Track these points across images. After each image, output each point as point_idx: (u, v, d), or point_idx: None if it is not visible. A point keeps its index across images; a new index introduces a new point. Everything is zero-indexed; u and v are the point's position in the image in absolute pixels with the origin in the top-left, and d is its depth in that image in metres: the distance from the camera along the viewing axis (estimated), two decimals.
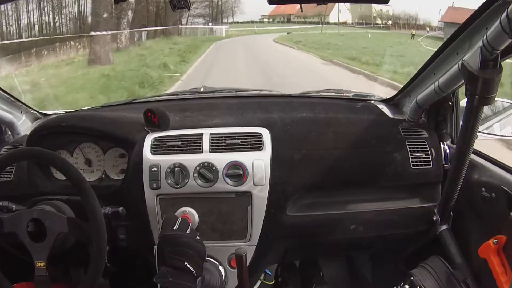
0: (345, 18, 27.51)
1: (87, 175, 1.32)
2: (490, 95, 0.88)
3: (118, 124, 1.28)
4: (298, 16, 28.26)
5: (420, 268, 1.18)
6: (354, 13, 27.82)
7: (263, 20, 28.40)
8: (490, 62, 0.86)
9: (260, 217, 1.17)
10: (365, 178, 1.27)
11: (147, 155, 1.20)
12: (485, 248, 1.05)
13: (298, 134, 1.25)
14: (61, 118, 1.38)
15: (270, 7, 28.39)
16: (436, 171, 1.26)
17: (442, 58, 1.11)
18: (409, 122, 1.36)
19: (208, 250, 1.16)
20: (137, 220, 1.19)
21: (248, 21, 26.78)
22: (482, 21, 0.90)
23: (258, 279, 1.35)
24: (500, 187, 1.03)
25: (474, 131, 0.96)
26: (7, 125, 1.46)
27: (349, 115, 1.39)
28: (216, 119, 1.32)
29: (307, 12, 26.37)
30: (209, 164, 1.18)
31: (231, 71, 9.90)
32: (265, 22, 28.44)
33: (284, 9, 27.81)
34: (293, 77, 8.18)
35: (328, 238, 1.30)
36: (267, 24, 27.84)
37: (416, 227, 1.29)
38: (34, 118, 1.59)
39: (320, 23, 26.56)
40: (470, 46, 0.97)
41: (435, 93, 1.16)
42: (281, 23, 28.76)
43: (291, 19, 28.86)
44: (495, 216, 1.06)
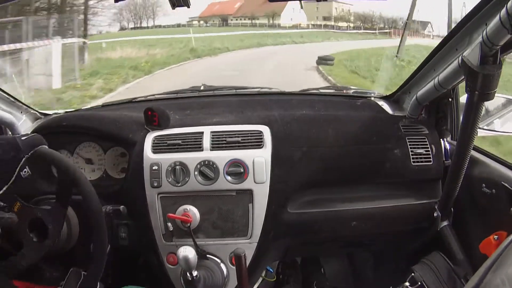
0: (299, 20, 23.41)
1: (88, 174, 1.32)
2: (490, 91, 0.88)
3: (118, 123, 1.28)
4: (241, 17, 23.20)
5: (421, 264, 1.18)
6: (310, 14, 23.74)
7: (192, 23, 21.73)
8: (490, 57, 0.86)
9: (261, 214, 1.18)
10: (365, 175, 1.27)
11: (148, 154, 1.20)
12: (486, 244, 1.05)
13: (299, 132, 1.25)
14: (61, 118, 1.38)
15: (200, 7, 21.91)
16: (436, 167, 1.26)
17: (442, 54, 1.11)
18: (409, 119, 1.36)
19: (210, 248, 1.17)
20: (138, 219, 1.19)
21: (174, 24, 20.17)
22: (482, 17, 0.90)
23: (260, 276, 1.35)
24: (500, 183, 1.03)
25: (475, 127, 0.96)
26: (7, 125, 1.46)
27: (349, 112, 1.39)
28: (216, 117, 1.32)
29: (253, 11, 22.33)
30: (210, 162, 1.18)
31: None
32: (195, 26, 21.68)
33: (219, 9, 23.00)
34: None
35: (329, 235, 1.31)
36: (200, 29, 20.35)
37: (417, 223, 1.29)
38: (34, 118, 1.59)
39: (270, 26, 22.12)
40: (469, 42, 0.97)
41: (435, 89, 1.16)
42: (217, 25, 22.66)
43: (228, 20, 23.12)
44: (495, 212, 1.07)
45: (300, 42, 17.29)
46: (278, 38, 17.50)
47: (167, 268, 1.20)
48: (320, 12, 23.91)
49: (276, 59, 11.39)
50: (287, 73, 8.79)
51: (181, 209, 1.17)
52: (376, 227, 1.29)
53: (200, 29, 19.45)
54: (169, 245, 1.18)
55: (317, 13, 23.92)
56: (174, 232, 1.17)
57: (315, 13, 23.89)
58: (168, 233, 1.18)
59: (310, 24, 23.56)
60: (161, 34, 15.15)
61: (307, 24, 23.71)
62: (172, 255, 1.18)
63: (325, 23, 24.07)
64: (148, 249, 1.22)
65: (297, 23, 23.29)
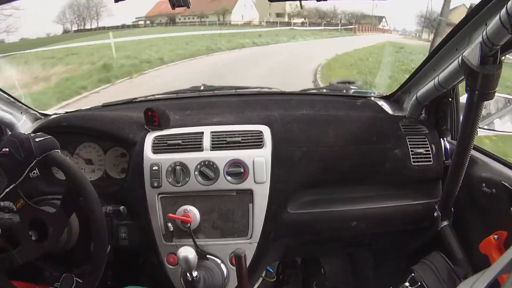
0: (251, 17, 22.28)
1: (88, 174, 1.32)
2: (490, 91, 0.88)
3: (118, 123, 1.28)
4: (190, 15, 21.73)
5: (421, 264, 1.18)
6: (262, 11, 22.42)
7: (137, 23, 20.25)
8: (490, 57, 0.86)
9: (261, 214, 1.18)
10: (365, 175, 1.27)
11: (148, 154, 1.20)
12: (486, 243, 1.05)
13: (299, 132, 1.25)
14: (61, 118, 1.38)
15: (147, 6, 20.79)
16: (436, 167, 1.26)
17: (442, 54, 1.11)
18: (409, 119, 1.36)
19: (210, 248, 1.17)
20: (139, 219, 1.20)
21: (119, 25, 18.48)
22: (482, 17, 0.90)
23: (260, 276, 1.35)
24: (500, 182, 1.03)
25: (475, 127, 0.96)
26: (7, 125, 1.46)
27: (349, 112, 1.39)
28: (216, 117, 1.32)
29: (203, 9, 21.03)
30: (210, 162, 1.18)
31: None
32: (141, 26, 20.08)
33: (167, 7, 21.30)
34: None
35: (329, 235, 1.31)
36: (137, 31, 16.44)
37: (417, 223, 1.29)
38: (34, 119, 1.59)
39: (219, 24, 20.63)
40: (469, 41, 0.97)
41: (435, 89, 1.16)
42: (163, 25, 21.05)
43: (175, 19, 21.60)
44: (495, 211, 1.07)
45: (262, 43, 14.66)
46: (233, 39, 14.92)
47: (167, 268, 1.20)
48: (273, 9, 23.04)
49: (238, 75, 7.55)
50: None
51: (181, 209, 1.17)
52: (376, 227, 1.29)
53: (137, 31, 16.03)
54: (169, 245, 1.18)
55: (270, 9, 23.01)
56: (174, 233, 1.17)
57: (268, 10, 23.05)
58: (168, 234, 1.18)
59: (264, 21, 22.65)
60: (75, 41, 10.97)
61: (261, 21, 22.86)
62: (172, 255, 1.18)
63: (280, 20, 23.15)
64: (148, 250, 1.22)
65: (249, 20, 22.49)
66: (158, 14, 21.55)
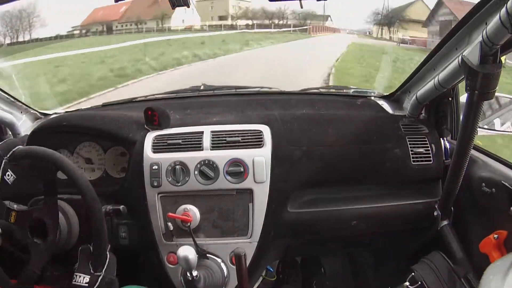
0: (192, 21, 20.31)
1: (88, 174, 1.33)
2: (490, 90, 0.88)
3: (118, 123, 1.28)
4: (127, 22, 19.72)
5: (421, 264, 1.18)
6: (204, 14, 20.79)
7: (73, 33, 17.79)
8: (490, 57, 0.86)
9: (261, 214, 1.18)
10: (365, 175, 1.27)
11: (148, 154, 1.20)
12: (485, 243, 1.05)
13: (299, 131, 1.25)
14: (61, 117, 1.38)
15: (83, 15, 18.48)
16: (436, 166, 1.26)
17: (442, 53, 1.11)
18: (409, 118, 1.36)
19: (210, 247, 1.17)
20: (138, 218, 1.20)
21: (52, 36, 16.20)
22: (482, 16, 0.90)
23: (260, 275, 1.35)
24: (500, 182, 1.03)
25: (475, 126, 0.96)
26: (7, 125, 1.46)
27: (349, 112, 1.39)
28: (216, 116, 1.32)
29: (140, 14, 19.22)
30: (210, 161, 1.18)
31: None
32: (76, 36, 17.70)
33: (103, 14, 19.13)
34: None
35: (329, 234, 1.31)
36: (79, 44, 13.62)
37: (417, 223, 1.29)
38: (35, 118, 1.59)
39: (159, 30, 18.87)
40: (469, 41, 0.97)
41: (435, 89, 1.16)
42: (99, 33, 19.03)
43: (112, 27, 19.58)
44: (495, 211, 1.07)
45: (207, 55, 11.48)
46: (165, 54, 11.49)
47: (167, 267, 1.20)
48: (215, 11, 21.65)
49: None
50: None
51: (181, 208, 1.17)
52: (376, 226, 1.29)
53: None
54: (169, 244, 1.18)
55: (211, 12, 21.63)
56: (174, 232, 1.17)
57: (210, 13, 21.58)
58: (168, 233, 1.18)
59: (207, 26, 20.69)
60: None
61: (204, 25, 20.68)
62: (172, 254, 1.18)
63: (224, 23, 21.37)
64: (148, 249, 1.22)
65: (190, 24, 20.32)
66: (94, 22, 19.69)
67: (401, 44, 17.17)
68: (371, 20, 22.18)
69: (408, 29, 19.72)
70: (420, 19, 19.01)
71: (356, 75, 8.81)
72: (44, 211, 1.00)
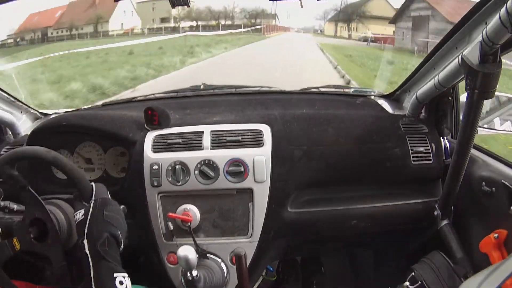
0: (132, 24, 18.91)
1: (88, 173, 1.32)
2: (490, 90, 0.88)
3: (118, 122, 1.28)
4: (62, 28, 17.84)
5: (421, 263, 1.18)
6: (145, 16, 19.21)
7: (6, 43, 14.95)
8: (490, 56, 0.86)
9: (261, 213, 1.18)
10: (366, 174, 1.27)
11: (148, 153, 1.20)
12: (486, 242, 1.05)
13: (299, 131, 1.25)
14: (61, 117, 1.38)
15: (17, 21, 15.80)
16: (436, 166, 1.26)
17: (442, 52, 1.11)
18: (409, 118, 1.36)
19: (210, 247, 1.17)
20: (139, 218, 1.19)
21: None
22: (482, 16, 0.90)
23: (260, 275, 1.35)
24: (500, 181, 1.03)
25: (475, 125, 0.96)
26: (7, 125, 1.46)
27: (350, 111, 1.39)
28: (216, 116, 1.32)
29: (76, 19, 17.59)
30: (210, 161, 1.18)
31: None
32: (10, 45, 15.02)
33: (38, 20, 17.45)
34: None
35: (330, 234, 1.31)
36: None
37: (417, 222, 1.29)
38: (34, 118, 1.59)
39: (93, 36, 17.22)
40: (469, 40, 0.97)
41: (435, 88, 1.16)
42: (31, 42, 16.44)
43: (47, 34, 17.66)
44: (495, 210, 1.07)
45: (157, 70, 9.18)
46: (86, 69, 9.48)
47: (167, 267, 1.20)
48: (157, 13, 19.99)
49: None
50: None
51: (181, 208, 1.17)
52: (376, 226, 1.29)
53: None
54: (170, 244, 1.18)
55: (153, 14, 20.00)
56: (175, 232, 1.17)
57: (151, 15, 19.94)
58: (168, 233, 1.18)
59: (146, 29, 19.13)
60: None
61: (144, 28, 19.11)
62: (173, 254, 1.18)
63: (165, 25, 19.65)
64: (149, 249, 1.22)
65: (129, 28, 18.68)
66: (29, 28, 17.63)
67: (371, 44, 16.58)
68: (321, 17, 21.29)
69: (371, 26, 18.84)
70: (384, 15, 17.93)
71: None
72: (33, 213, 1.00)
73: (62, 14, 18.65)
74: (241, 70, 8.85)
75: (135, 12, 19.56)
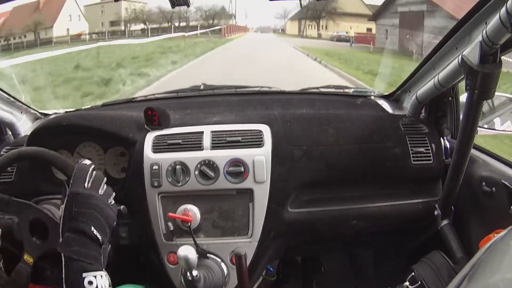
0: (79, 29, 17.11)
1: None
2: (490, 90, 0.89)
3: (118, 123, 1.28)
4: (4, 37, 15.44)
5: (421, 263, 1.18)
6: (93, 20, 17.71)
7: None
8: (490, 56, 0.86)
9: (261, 213, 1.18)
10: (366, 174, 1.27)
11: (148, 154, 1.20)
12: (485, 242, 1.04)
13: (299, 131, 1.25)
14: (61, 118, 1.38)
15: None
16: (436, 166, 1.26)
17: (442, 53, 1.11)
18: (409, 118, 1.36)
19: (210, 247, 1.17)
20: (139, 218, 1.20)
21: None
22: (482, 16, 0.90)
23: (260, 275, 1.35)
24: (500, 181, 1.03)
25: (475, 125, 0.96)
26: (7, 125, 1.46)
27: (350, 111, 1.39)
28: (216, 116, 1.32)
29: (20, 26, 15.46)
30: (210, 161, 1.18)
31: None
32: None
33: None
34: None
35: (330, 233, 1.31)
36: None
37: (417, 222, 1.29)
38: (34, 118, 1.59)
39: (28, 46, 14.60)
40: (469, 40, 0.97)
41: (435, 88, 1.16)
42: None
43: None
44: (495, 210, 1.07)
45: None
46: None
47: (167, 267, 1.20)
48: (106, 16, 18.41)
49: None
50: None
51: (182, 208, 1.17)
52: (376, 225, 1.29)
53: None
54: (170, 244, 1.18)
55: (102, 17, 18.45)
56: (175, 232, 1.17)
57: (100, 18, 18.36)
58: (168, 233, 1.18)
59: (93, 34, 17.18)
60: None
61: (92, 32, 17.17)
62: (173, 254, 1.18)
63: (115, 29, 17.80)
64: (149, 249, 1.22)
65: (76, 33, 16.84)
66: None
67: (353, 45, 15.39)
68: (282, 16, 19.65)
69: (343, 24, 17.23)
70: (359, 12, 16.41)
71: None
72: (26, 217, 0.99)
73: (5, 20, 16.24)
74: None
75: (83, 16, 17.83)
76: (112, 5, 18.80)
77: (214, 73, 8.31)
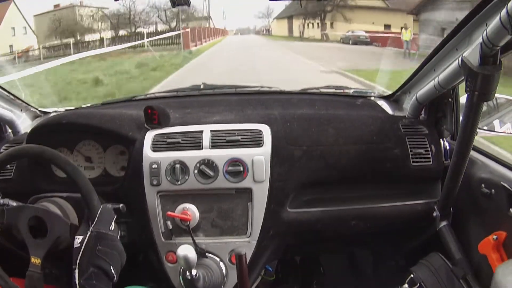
0: (27, 44, 14.43)
1: (87, 172, 1.32)
2: (490, 92, 0.88)
3: (118, 121, 1.28)
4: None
5: (419, 265, 1.18)
6: (44, 33, 14.86)
7: None
8: (490, 58, 0.86)
9: (260, 213, 1.18)
10: (365, 175, 1.27)
11: (147, 152, 1.20)
12: (485, 244, 1.05)
13: (298, 131, 1.25)
14: (61, 116, 1.38)
15: None
16: (436, 167, 1.26)
17: (442, 54, 1.11)
18: (409, 119, 1.36)
19: (209, 246, 1.17)
20: (138, 217, 1.20)
21: None
22: (482, 17, 0.90)
23: (259, 275, 1.36)
24: (500, 183, 1.03)
25: (474, 127, 0.96)
26: (7, 123, 1.46)
27: (349, 112, 1.39)
28: (216, 115, 1.32)
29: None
30: (209, 161, 1.18)
31: None
32: None
33: None
34: None
35: (328, 234, 1.31)
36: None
37: (416, 223, 1.29)
38: (34, 116, 1.59)
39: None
40: (470, 42, 0.97)
41: (435, 90, 1.16)
42: None
43: None
44: (495, 212, 1.07)
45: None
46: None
47: (166, 266, 1.20)
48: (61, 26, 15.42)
49: None
50: None
51: (181, 207, 1.17)
52: (375, 226, 1.29)
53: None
54: (169, 243, 1.18)
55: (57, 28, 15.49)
56: (174, 231, 1.17)
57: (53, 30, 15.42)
58: (167, 232, 1.18)
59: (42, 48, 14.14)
60: None
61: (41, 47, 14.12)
62: (172, 253, 1.18)
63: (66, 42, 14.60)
64: (148, 248, 1.22)
65: (23, 50, 13.74)
66: None
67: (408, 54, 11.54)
68: (264, 15, 16.64)
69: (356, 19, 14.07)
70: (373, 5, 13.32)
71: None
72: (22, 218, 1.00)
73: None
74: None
75: (30, 28, 15.00)
76: (65, 12, 15.73)
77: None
